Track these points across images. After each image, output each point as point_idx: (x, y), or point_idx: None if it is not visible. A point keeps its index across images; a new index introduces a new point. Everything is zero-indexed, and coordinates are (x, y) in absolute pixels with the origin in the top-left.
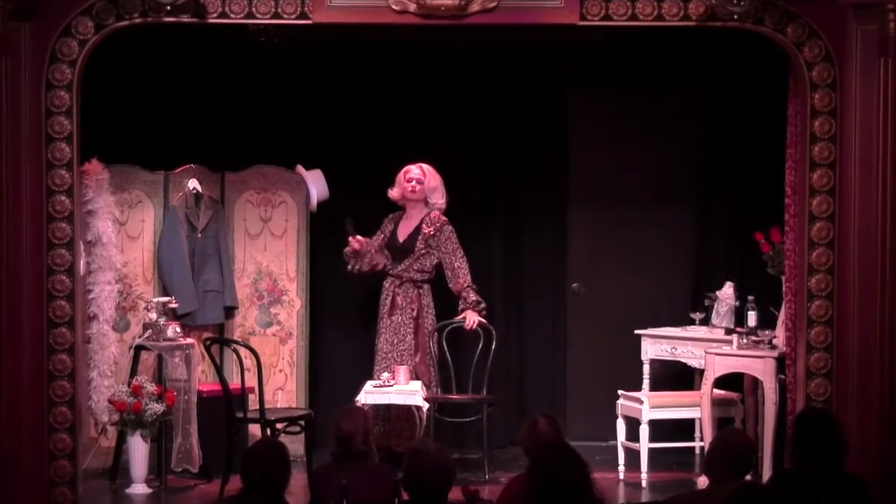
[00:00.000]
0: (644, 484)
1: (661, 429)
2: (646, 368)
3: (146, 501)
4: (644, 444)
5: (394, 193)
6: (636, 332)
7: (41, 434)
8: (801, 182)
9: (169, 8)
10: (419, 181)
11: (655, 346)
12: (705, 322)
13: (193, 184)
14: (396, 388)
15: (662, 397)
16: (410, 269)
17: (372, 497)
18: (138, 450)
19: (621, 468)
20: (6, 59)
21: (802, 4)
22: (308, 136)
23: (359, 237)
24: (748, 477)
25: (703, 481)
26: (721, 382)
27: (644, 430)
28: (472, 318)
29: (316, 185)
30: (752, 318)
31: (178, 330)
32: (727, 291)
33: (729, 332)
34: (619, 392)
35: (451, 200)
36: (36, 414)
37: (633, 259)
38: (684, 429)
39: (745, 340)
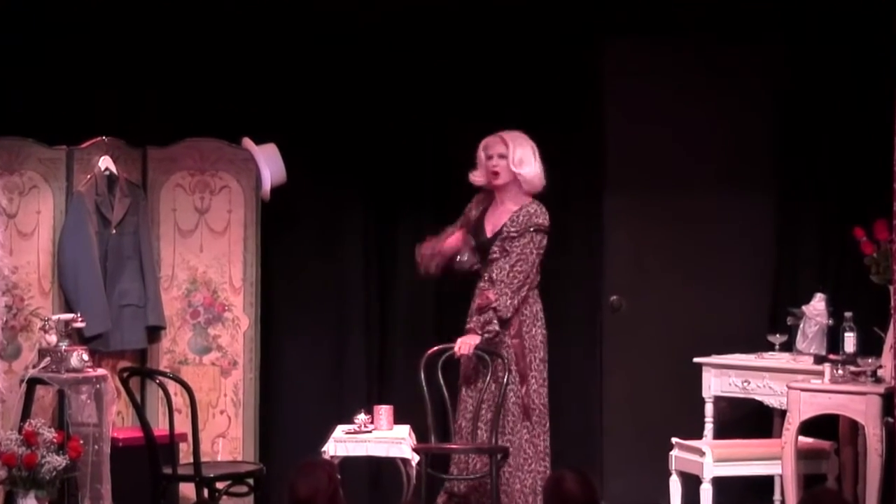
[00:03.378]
0: None
1: (729, 488)
2: (708, 408)
3: None
4: None
5: (478, 178)
6: (695, 360)
7: None
8: None
9: None
10: (502, 154)
11: (721, 378)
12: (788, 347)
13: (105, 163)
14: (376, 435)
15: (731, 447)
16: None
17: None
18: None
19: None
20: None
21: None
22: (258, 99)
23: (427, 245)
24: None
25: None
26: (809, 427)
27: (707, 491)
28: (464, 343)
29: (269, 164)
30: (849, 342)
31: (86, 358)
32: (817, 306)
33: (819, 360)
34: (674, 440)
35: (451, 189)
36: None
37: (692, 263)
38: (760, 488)
39: (840, 371)
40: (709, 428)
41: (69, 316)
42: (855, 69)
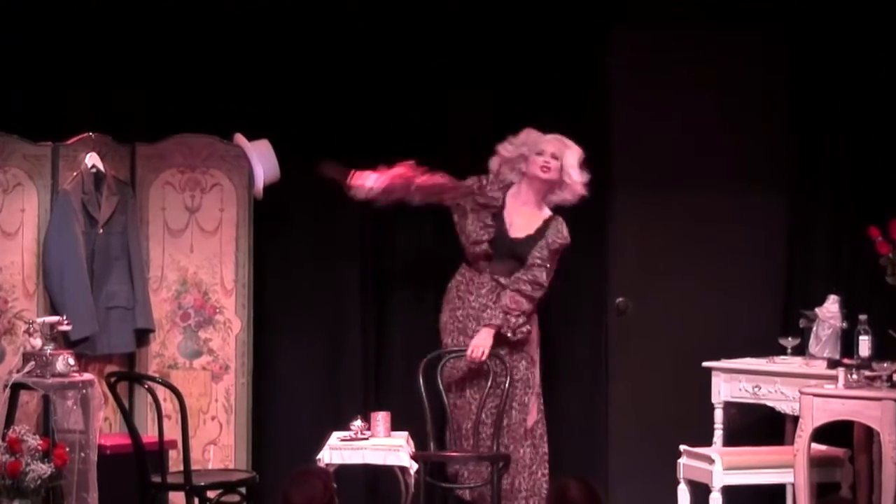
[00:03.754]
0: None
1: (739, 497)
2: (718, 414)
3: None
4: None
5: (511, 165)
6: (704, 364)
7: None
8: None
9: None
10: (555, 155)
11: (731, 383)
12: (800, 351)
13: (92, 159)
14: (373, 442)
15: (741, 455)
16: (520, 280)
17: None
18: None
19: None
20: None
21: None
22: (252, 95)
23: (361, 174)
24: None
25: None
26: (823, 434)
27: (716, 500)
28: (481, 343)
29: (262, 161)
30: (864, 346)
31: (72, 362)
32: (830, 308)
33: (833, 364)
34: (682, 447)
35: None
36: None
37: (700, 264)
38: (772, 498)
39: (854, 376)
40: (718, 434)
41: (54, 318)
42: (870, 65)
